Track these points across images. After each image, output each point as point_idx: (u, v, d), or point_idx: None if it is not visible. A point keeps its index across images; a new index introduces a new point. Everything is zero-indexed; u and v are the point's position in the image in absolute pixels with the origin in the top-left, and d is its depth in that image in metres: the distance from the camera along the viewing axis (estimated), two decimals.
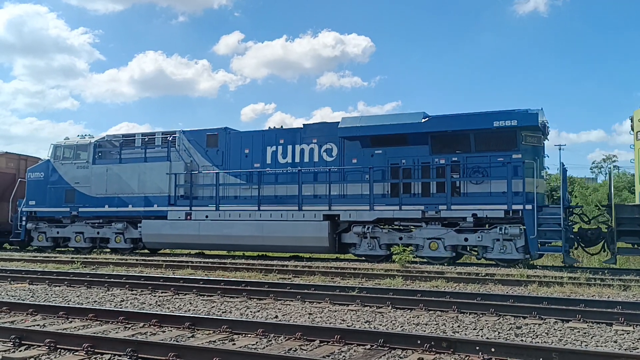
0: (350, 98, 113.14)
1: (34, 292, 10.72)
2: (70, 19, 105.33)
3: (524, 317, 7.80)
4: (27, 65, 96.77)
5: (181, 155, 19.36)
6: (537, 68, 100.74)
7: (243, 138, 18.83)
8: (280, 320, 7.66)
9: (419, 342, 5.83)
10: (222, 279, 12.15)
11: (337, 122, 17.30)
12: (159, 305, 9.11)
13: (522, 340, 6.46)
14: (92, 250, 20.57)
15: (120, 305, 9.22)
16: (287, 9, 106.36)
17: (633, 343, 6.28)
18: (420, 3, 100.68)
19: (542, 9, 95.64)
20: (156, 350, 5.59)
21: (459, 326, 7.29)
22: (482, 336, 6.68)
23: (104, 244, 20.51)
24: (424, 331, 6.96)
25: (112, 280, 11.90)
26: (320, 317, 7.98)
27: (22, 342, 6.13)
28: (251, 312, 8.47)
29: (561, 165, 15.07)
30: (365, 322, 7.59)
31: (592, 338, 6.55)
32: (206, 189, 18.91)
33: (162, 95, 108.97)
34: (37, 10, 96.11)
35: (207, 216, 18.27)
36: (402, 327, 7.28)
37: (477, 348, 5.61)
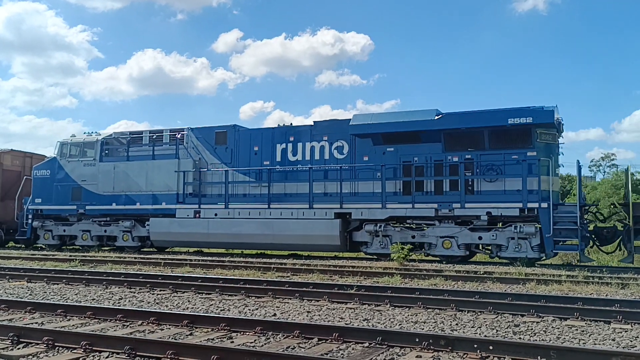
0: (349, 96, 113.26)
1: (32, 290, 10.70)
2: (68, 17, 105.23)
3: (522, 315, 7.81)
4: (25, 63, 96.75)
5: (189, 152, 19.20)
6: (536, 66, 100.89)
7: (252, 135, 18.68)
8: (278, 318, 7.65)
9: (417, 340, 5.83)
10: (220, 277, 12.13)
11: (348, 120, 17.14)
12: (157, 303, 9.11)
13: (520, 338, 6.47)
14: (99, 248, 20.33)
15: (118, 303, 9.21)
16: (286, 6, 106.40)
17: (631, 341, 6.29)
18: (419, 1, 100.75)
19: (541, 7, 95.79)
20: (154, 348, 5.58)
21: (457, 324, 7.30)
22: (480, 334, 6.68)
23: (111, 242, 20.33)
24: (422, 329, 6.97)
25: (110, 278, 11.88)
26: (319, 315, 7.99)
27: (21, 340, 6.13)
28: (249, 310, 8.47)
29: (577, 162, 15.02)
30: (364, 320, 7.59)
31: (590, 336, 6.56)
32: (215, 187, 18.76)
33: (161, 93, 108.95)
34: (36, 8, 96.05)
35: (216, 214, 18.11)
36: (400, 325, 7.29)
37: (475, 346, 5.61)
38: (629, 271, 13.14)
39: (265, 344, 6.14)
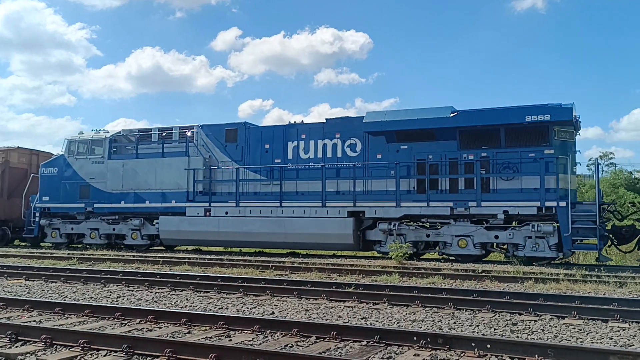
0: (348, 95, 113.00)
1: (30, 288, 10.70)
2: (67, 15, 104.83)
3: (520, 314, 7.82)
4: (24, 61, 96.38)
5: (199, 150, 19.02)
6: (535, 65, 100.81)
7: (263, 133, 18.48)
8: (276, 317, 7.66)
9: (415, 339, 5.84)
10: (218, 275, 12.16)
11: (360, 117, 16.98)
12: (155, 302, 9.11)
13: (518, 337, 6.48)
14: (107, 246, 20.14)
15: (116, 301, 9.21)
16: (285, 5, 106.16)
17: (629, 340, 6.30)
18: (418, 0, 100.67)
19: (540, 6, 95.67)
20: (152, 346, 5.59)
21: (455, 323, 7.31)
22: (478, 333, 6.69)
23: (119, 241, 20.19)
24: (420, 328, 6.97)
25: (108, 276, 11.89)
26: (317, 314, 7.99)
27: (19, 338, 6.13)
28: (248, 308, 8.48)
29: (595, 160, 14.94)
30: (362, 319, 7.60)
31: (587, 335, 6.57)
32: (225, 185, 18.57)
33: (160, 91, 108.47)
34: (35, 6, 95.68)
35: (226, 212, 17.93)
36: (398, 323, 7.29)
37: (473, 344, 5.62)
38: (627, 270, 13.17)
39: (263, 342, 6.14)
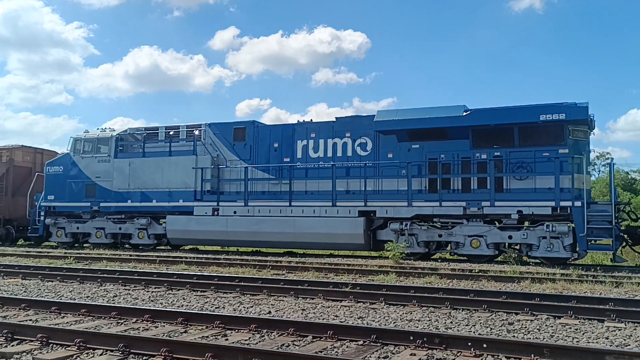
0: (346, 94, 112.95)
1: (27, 287, 10.67)
2: (65, 13, 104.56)
3: (516, 314, 7.83)
4: (21, 60, 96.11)
5: (207, 149, 18.85)
6: (532, 65, 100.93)
7: (272, 132, 18.33)
8: (273, 316, 7.66)
9: (411, 338, 5.84)
10: (215, 274, 12.14)
11: (371, 116, 16.84)
12: (152, 301, 9.10)
13: (514, 337, 6.49)
14: (114, 246, 20.03)
15: (113, 300, 9.19)
16: (283, 4, 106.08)
17: (624, 340, 6.32)
18: (416, 0, 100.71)
19: (537, 6, 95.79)
20: (148, 345, 5.57)
21: (451, 322, 7.31)
22: (475, 332, 6.70)
23: (125, 240, 20.06)
24: (417, 327, 6.97)
25: (105, 275, 11.88)
26: (314, 313, 7.99)
27: (15, 337, 6.12)
28: (244, 307, 8.47)
29: (611, 160, 14.84)
30: (359, 318, 7.60)
31: (583, 334, 6.58)
32: (233, 184, 18.41)
33: (157, 91, 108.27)
34: (32, 5, 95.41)
35: (235, 212, 17.78)
36: (395, 323, 7.30)
37: (470, 344, 5.63)
38: (623, 270, 13.20)
39: (259, 341, 6.14)
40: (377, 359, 5.46)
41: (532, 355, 5.27)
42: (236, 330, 6.60)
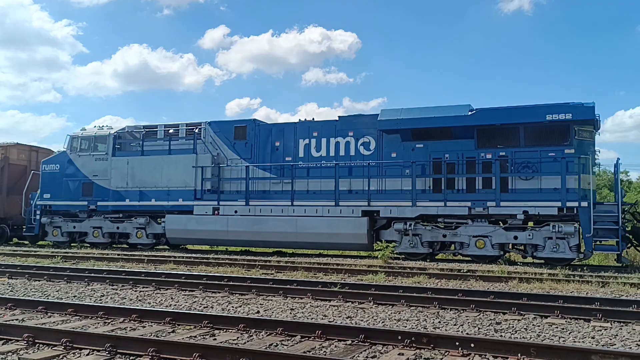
0: (336, 94, 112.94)
1: (13, 286, 10.57)
2: (53, 11, 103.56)
3: (504, 313, 7.87)
4: (9, 57, 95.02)
5: (207, 147, 18.62)
6: (521, 66, 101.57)
7: (273, 131, 18.12)
8: (262, 316, 7.65)
9: (399, 338, 5.86)
10: (204, 274, 12.10)
11: (374, 115, 16.68)
12: (139, 301, 9.05)
13: (502, 336, 6.53)
14: (111, 246, 19.81)
15: (100, 300, 9.13)
16: (273, 3, 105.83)
17: (610, 339, 6.38)
18: (406, 1, 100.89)
19: (526, 8, 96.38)
20: (135, 345, 5.55)
21: (439, 322, 7.34)
22: (462, 332, 6.73)
23: (123, 240, 19.82)
24: (405, 327, 7.00)
25: (92, 275, 11.79)
26: (302, 313, 7.99)
27: (0, 336, 6.06)
28: (233, 307, 8.45)
29: (617, 160, 14.76)
30: (347, 318, 7.61)
31: (570, 334, 6.64)
32: (234, 183, 18.14)
33: (146, 89, 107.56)
34: (20, 2, 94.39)
35: (236, 211, 17.54)
36: (383, 322, 7.31)
37: (457, 344, 5.66)
38: (609, 270, 13.33)
39: (248, 341, 6.13)
40: (365, 358, 5.47)
41: (519, 354, 5.31)
42: (224, 330, 6.59)
